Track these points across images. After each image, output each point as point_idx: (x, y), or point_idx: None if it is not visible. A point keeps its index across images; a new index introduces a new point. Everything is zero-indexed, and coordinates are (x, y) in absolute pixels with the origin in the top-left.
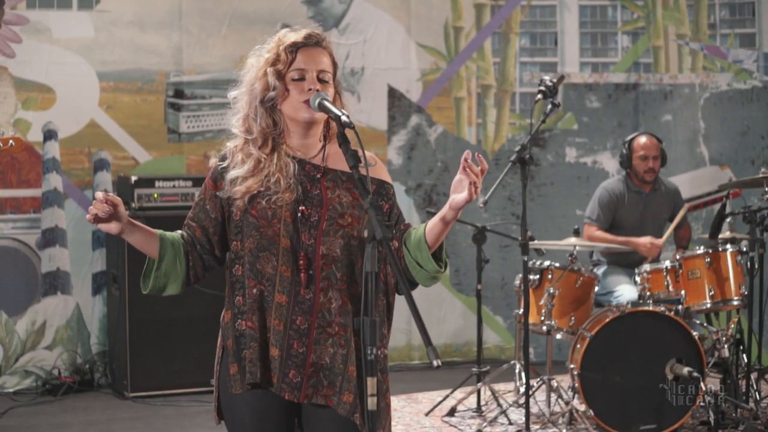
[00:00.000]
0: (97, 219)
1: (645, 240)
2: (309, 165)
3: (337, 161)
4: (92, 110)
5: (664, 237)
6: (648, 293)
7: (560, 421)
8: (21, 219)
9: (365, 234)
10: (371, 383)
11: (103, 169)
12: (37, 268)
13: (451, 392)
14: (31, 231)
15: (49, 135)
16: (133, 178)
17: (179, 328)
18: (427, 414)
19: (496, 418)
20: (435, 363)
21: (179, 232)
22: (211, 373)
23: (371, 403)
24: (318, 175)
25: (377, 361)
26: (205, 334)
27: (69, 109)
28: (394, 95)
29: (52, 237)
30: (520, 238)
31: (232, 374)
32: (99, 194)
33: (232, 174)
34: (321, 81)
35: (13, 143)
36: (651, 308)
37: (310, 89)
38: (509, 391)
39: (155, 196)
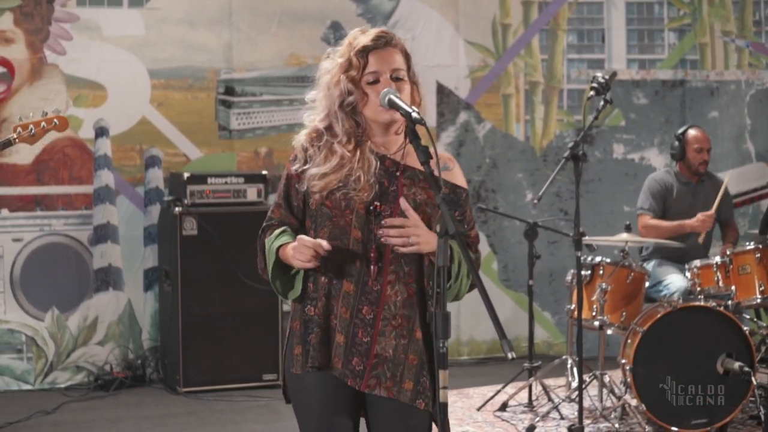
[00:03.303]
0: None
1: (695, 218)
2: (389, 161)
3: (415, 158)
4: (143, 107)
5: (713, 208)
6: (698, 288)
7: (612, 416)
8: (73, 215)
9: (437, 229)
10: (443, 376)
11: (154, 166)
12: (88, 265)
13: (503, 387)
14: (83, 227)
15: (101, 132)
16: (186, 175)
17: (231, 324)
18: (478, 409)
19: (548, 413)
20: (510, 355)
21: (283, 228)
22: (262, 367)
23: (443, 395)
24: (397, 172)
25: (447, 354)
26: (256, 329)
27: (120, 107)
28: (442, 92)
29: (103, 233)
30: (571, 234)
31: (295, 354)
32: (324, 243)
33: (313, 170)
34: (396, 80)
35: (57, 122)
36: (702, 303)
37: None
38: (560, 387)
39: (207, 192)
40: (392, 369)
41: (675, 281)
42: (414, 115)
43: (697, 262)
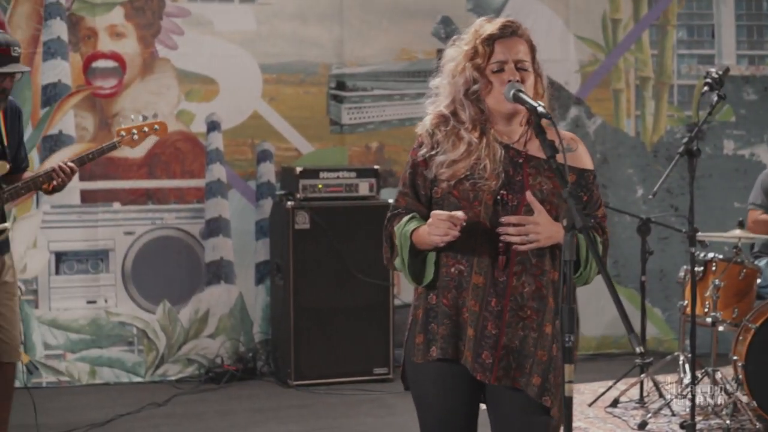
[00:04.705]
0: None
1: None
2: (513, 150)
3: (538, 147)
4: (255, 102)
5: None
6: None
7: (723, 413)
8: (185, 209)
9: (564, 223)
10: (568, 370)
11: (266, 160)
12: (200, 258)
13: (614, 383)
14: (194, 221)
15: (213, 126)
16: (298, 169)
17: (342, 317)
18: (590, 405)
19: (659, 409)
20: (638, 349)
21: (411, 214)
22: (373, 361)
23: (568, 389)
24: (520, 161)
25: (574, 348)
26: (367, 323)
27: (232, 101)
28: (553, 87)
29: (215, 227)
30: (684, 230)
31: (417, 343)
32: (459, 213)
33: (441, 157)
34: (520, 70)
35: (158, 127)
36: None
37: (509, 80)
38: (671, 383)
39: (319, 186)
40: (519, 360)
41: None
42: (540, 109)
43: None
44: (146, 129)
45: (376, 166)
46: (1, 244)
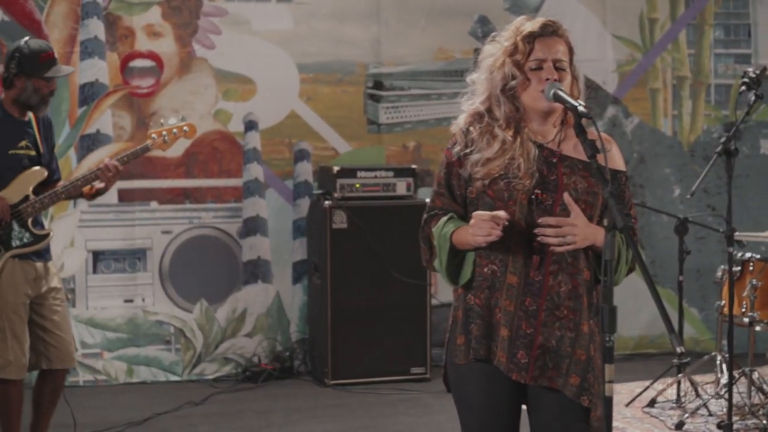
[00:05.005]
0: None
1: None
2: (547, 150)
3: (573, 147)
4: (292, 101)
5: None
6: None
7: (760, 413)
8: (222, 208)
9: (605, 222)
10: (609, 370)
11: (303, 160)
12: (237, 257)
13: (651, 383)
14: (232, 220)
15: (250, 125)
16: (335, 169)
17: (379, 317)
18: (627, 405)
19: (696, 409)
20: (679, 349)
21: (449, 214)
22: (410, 361)
23: (608, 389)
24: (554, 160)
25: (614, 349)
26: (404, 323)
27: (269, 100)
28: (590, 86)
29: (253, 226)
30: (721, 230)
31: (458, 344)
32: (501, 213)
33: (476, 156)
34: (558, 69)
35: (187, 129)
36: None
37: (547, 79)
38: (708, 383)
39: (357, 186)
40: (555, 360)
41: None
42: (580, 108)
43: None
44: (176, 131)
45: (413, 166)
46: (44, 251)
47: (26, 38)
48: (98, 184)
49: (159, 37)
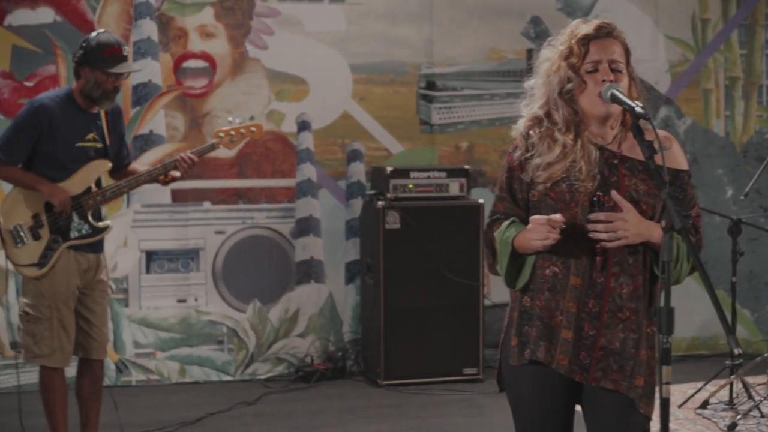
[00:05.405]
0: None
1: None
2: (607, 152)
3: (633, 148)
4: (345, 102)
5: None
6: None
7: None
8: (275, 208)
9: (663, 224)
10: (666, 371)
11: (356, 160)
12: (290, 257)
13: (704, 385)
14: (285, 220)
15: (303, 126)
16: (388, 169)
17: (432, 317)
18: (680, 406)
19: (749, 411)
20: (736, 351)
21: (511, 219)
22: (463, 361)
23: (665, 390)
24: (615, 162)
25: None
26: (457, 323)
27: (322, 101)
28: (643, 87)
29: (306, 226)
30: None
31: (512, 346)
32: (557, 216)
33: (537, 160)
34: (614, 71)
35: (255, 129)
36: None
37: (603, 80)
38: (760, 384)
39: (410, 186)
40: (619, 362)
41: None
42: (638, 109)
43: None
44: (243, 131)
45: (466, 166)
46: (97, 243)
47: (101, 30)
48: (174, 173)
49: (212, 37)
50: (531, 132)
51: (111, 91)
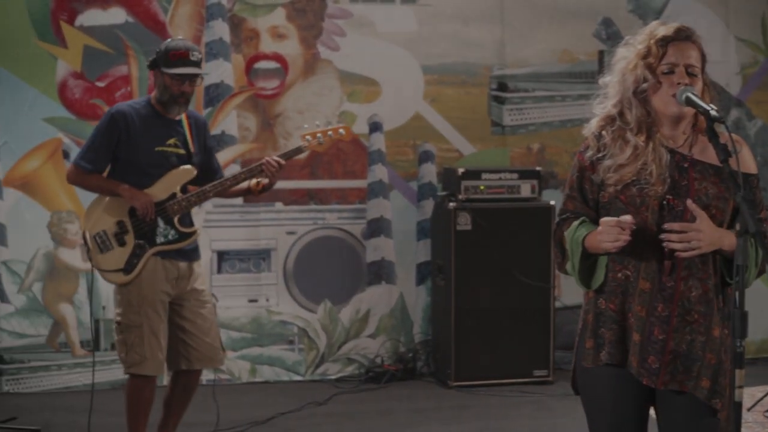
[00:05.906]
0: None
1: None
2: (678, 155)
3: (703, 152)
4: (417, 103)
5: None
6: None
7: None
8: (346, 209)
9: (737, 227)
10: (739, 375)
11: (428, 161)
12: (362, 258)
13: None
14: (356, 221)
15: (375, 127)
16: (460, 170)
17: (503, 319)
18: (749, 409)
19: None
20: None
21: (581, 218)
22: (533, 363)
23: (738, 394)
24: (686, 165)
25: (744, 354)
26: (528, 325)
27: (394, 102)
28: (714, 89)
29: (377, 227)
30: None
31: (587, 348)
32: (627, 217)
33: (608, 161)
34: (690, 75)
35: (343, 132)
36: None
37: (678, 83)
38: None
39: (481, 188)
40: (686, 364)
41: None
42: (713, 113)
43: None
44: (331, 133)
45: (537, 168)
46: (191, 251)
47: (178, 37)
48: (264, 180)
49: (283, 38)
50: (603, 132)
51: (178, 96)
